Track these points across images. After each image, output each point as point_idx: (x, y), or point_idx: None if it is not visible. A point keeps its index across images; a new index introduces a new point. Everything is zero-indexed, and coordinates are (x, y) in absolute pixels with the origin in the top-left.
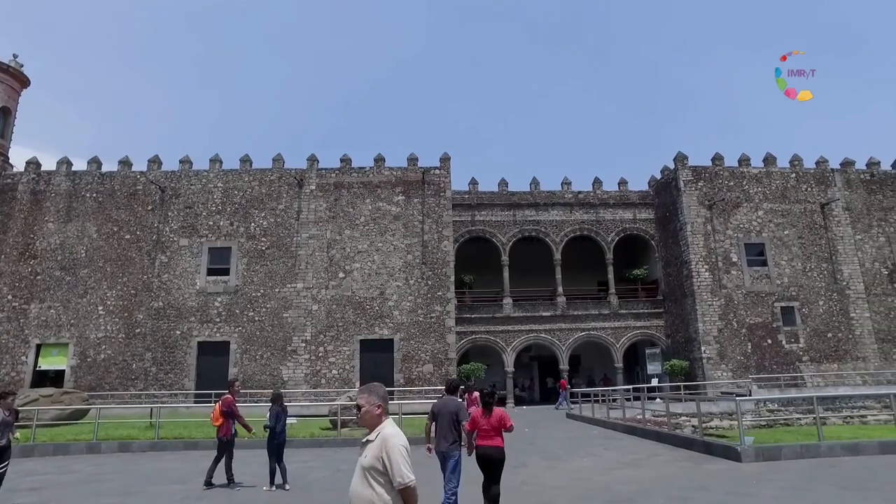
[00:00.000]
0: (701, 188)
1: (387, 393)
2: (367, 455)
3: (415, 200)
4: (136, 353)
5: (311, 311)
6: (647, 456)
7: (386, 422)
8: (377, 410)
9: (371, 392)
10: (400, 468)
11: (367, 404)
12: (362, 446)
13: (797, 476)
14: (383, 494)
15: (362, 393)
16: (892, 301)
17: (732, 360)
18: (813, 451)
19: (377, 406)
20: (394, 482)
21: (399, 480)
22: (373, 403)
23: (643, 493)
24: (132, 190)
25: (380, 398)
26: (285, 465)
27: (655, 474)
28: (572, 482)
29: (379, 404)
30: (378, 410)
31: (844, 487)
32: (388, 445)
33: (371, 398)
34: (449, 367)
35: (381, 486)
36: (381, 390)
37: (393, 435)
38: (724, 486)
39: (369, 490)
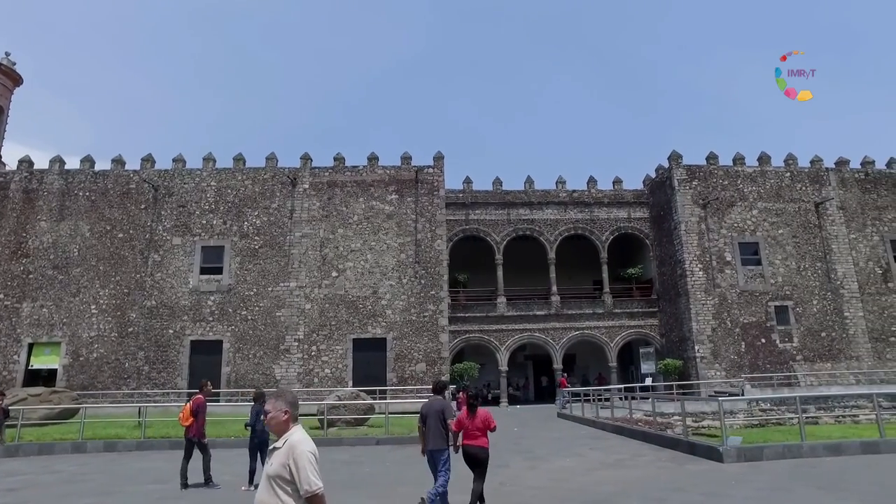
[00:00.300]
0: (695, 187)
1: (297, 399)
2: (273, 463)
3: (408, 199)
4: (128, 351)
5: (303, 309)
6: (631, 456)
7: (294, 428)
8: (283, 416)
9: (279, 398)
10: (307, 475)
11: (273, 410)
12: (269, 454)
13: (776, 477)
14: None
15: (270, 398)
16: (886, 300)
17: (726, 359)
18: (795, 451)
19: (283, 412)
20: (301, 490)
21: (306, 488)
22: (279, 409)
23: (620, 494)
24: (125, 189)
25: (287, 404)
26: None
27: (636, 475)
28: (551, 483)
29: (286, 410)
30: (285, 416)
31: (821, 488)
32: (296, 452)
33: (278, 404)
34: (442, 366)
35: (288, 495)
36: (289, 396)
37: (301, 441)
38: (703, 487)
39: (275, 500)
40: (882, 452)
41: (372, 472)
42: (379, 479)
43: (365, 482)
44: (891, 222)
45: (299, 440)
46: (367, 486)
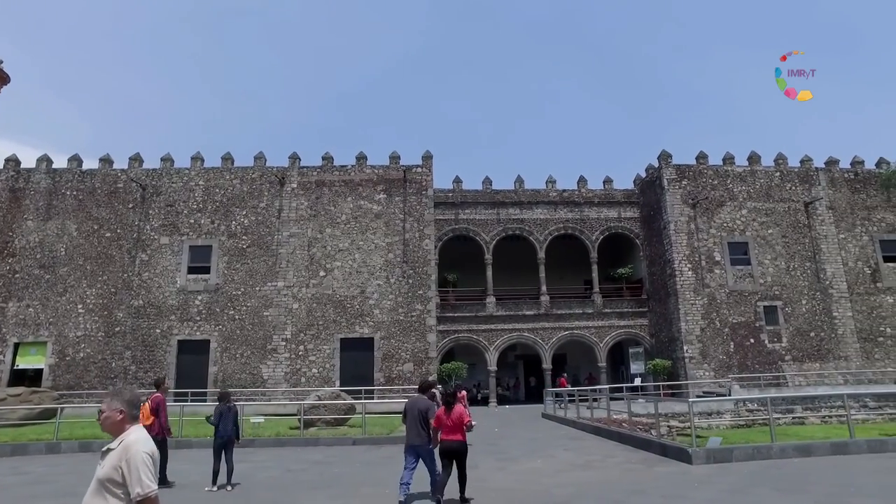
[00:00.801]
0: (685, 186)
1: (136, 397)
2: (104, 465)
3: (396, 199)
4: (115, 351)
5: (291, 309)
6: (603, 457)
7: (131, 429)
8: (118, 416)
9: (114, 397)
10: (140, 477)
11: (107, 410)
12: (102, 455)
13: (740, 478)
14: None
15: (105, 398)
16: (875, 300)
17: (715, 359)
18: (765, 452)
19: (118, 411)
20: (132, 493)
21: (137, 491)
22: (114, 409)
23: (579, 496)
24: (113, 188)
25: (123, 403)
26: (233, 464)
27: (602, 477)
28: (516, 484)
29: (121, 409)
30: (119, 416)
31: (781, 489)
32: (130, 453)
33: (113, 403)
34: (429, 366)
35: (118, 499)
36: (126, 395)
37: (136, 441)
38: (665, 489)
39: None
40: (851, 453)
41: (340, 473)
42: (345, 480)
43: (331, 483)
44: (879, 222)
45: (135, 440)
46: (331, 487)
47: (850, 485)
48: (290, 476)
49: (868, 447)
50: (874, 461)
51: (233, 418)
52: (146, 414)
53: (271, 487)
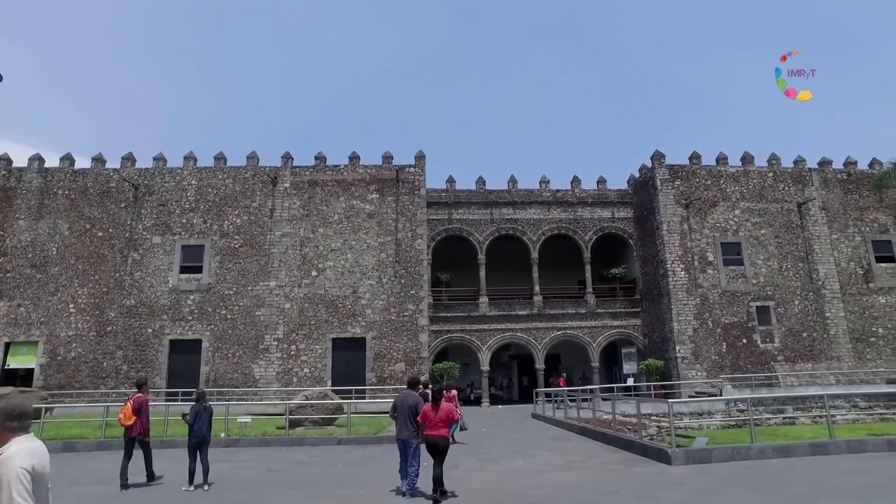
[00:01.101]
0: (678, 187)
1: (21, 408)
2: None
3: (389, 198)
4: (107, 351)
5: (283, 309)
6: (584, 458)
7: (12, 441)
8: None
9: None
10: (11, 495)
11: None
12: None
13: (716, 479)
14: None
15: None
16: (867, 300)
17: (707, 359)
18: (744, 453)
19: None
20: None
21: None
22: None
23: (554, 496)
24: (105, 187)
25: (3, 416)
26: (208, 464)
27: (580, 477)
28: (492, 485)
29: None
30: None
31: (754, 490)
32: (5, 468)
33: None
34: (421, 365)
35: None
36: (8, 406)
37: (13, 456)
38: (640, 490)
39: None
40: (830, 453)
41: (320, 473)
42: (324, 480)
43: (309, 483)
44: (872, 223)
45: (12, 454)
46: (308, 487)
47: (824, 485)
48: (269, 476)
49: (847, 447)
50: (852, 461)
51: (208, 418)
52: (128, 414)
53: (248, 487)
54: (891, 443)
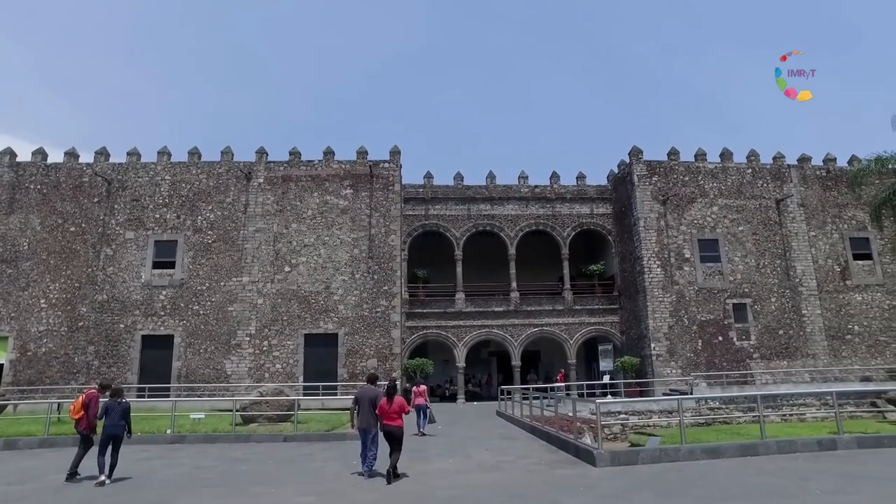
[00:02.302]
0: (655, 183)
1: None
2: None
3: (363, 194)
4: (78, 346)
5: (256, 304)
6: (517, 458)
7: None
8: None
9: None
10: None
11: None
12: None
13: (630, 482)
14: None
15: None
16: (844, 298)
17: (682, 357)
18: (672, 454)
19: None
20: None
21: None
22: None
23: (458, 499)
24: (78, 182)
25: None
26: (116, 459)
27: (499, 479)
28: (405, 486)
29: None
30: None
31: (660, 494)
32: None
33: None
34: (393, 361)
35: None
36: None
37: None
38: (548, 493)
39: None
40: (760, 454)
41: (246, 471)
42: (245, 478)
43: (227, 481)
44: (850, 220)
45: None
46: (223, 486)
47: (733, 488)
48: (193, 474)
49: (777, 448)
50: (775, 462)
51: (121, 413)
52: (77, 408)
53: (162, 485)
54: (820, 443)
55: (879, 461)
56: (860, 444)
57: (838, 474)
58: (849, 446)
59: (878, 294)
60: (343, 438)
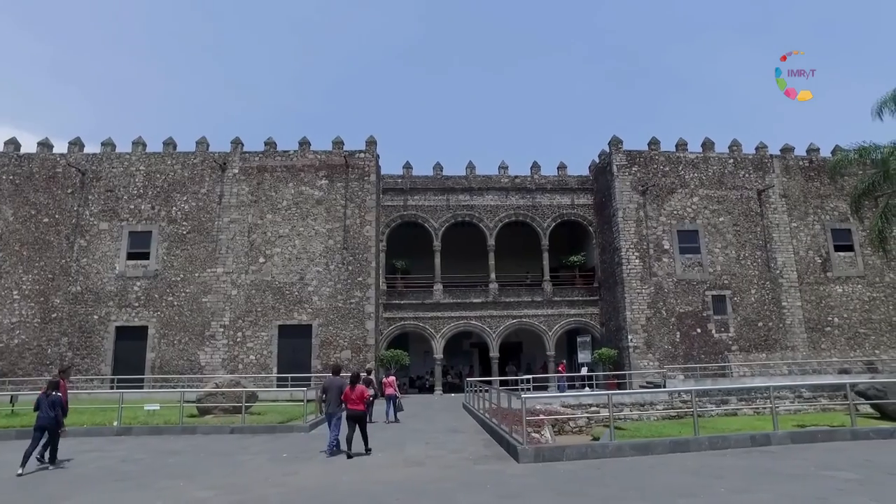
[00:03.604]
0: (635, 173)
1: None
2: None
3: (338, 184)
4: (51, 337)
5: (230, 295)
6: (450, 452)
7: None
8: None
9: None
10: None
11: None
12: None
13: (540, 480)
14: None
15: None
16: (824, 290)
17: (660, 349)
18: (599, 451)
19: None
20: None
21: None
22: None
23: (356, 494)
24: (51, 172)
25: None
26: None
27: (415, 474)
28: (317, 483)
29: None
30: None
31: (562, 493)
32: None
33: None
34: (367, 352)
35: None
36: None
37: None
38: (448, 491)
39: None
40: (690, 450)
41: (171, 464)
42: (163, 472)
43: (143, 475)
44: (833, 211)
45: None
46: (134, 480)
47: (636, 487)
48: (116, 467)
49: (709, 444)
50: (702, 459)
51: (49, 405)
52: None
53: (73, 479)
54: (753, 438)
55: (801, 457)
56: (793, 440)
57: (754, 471)
58: (782, 441)
59: (858, 286)
60: (290, 430)
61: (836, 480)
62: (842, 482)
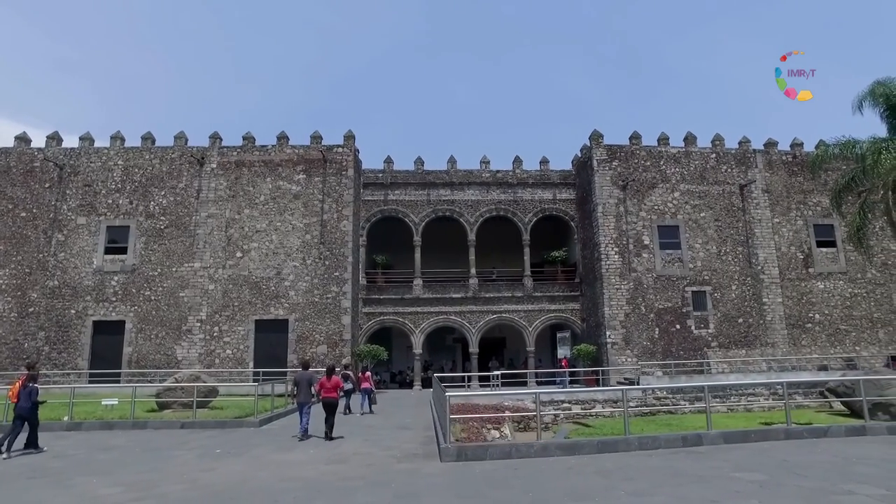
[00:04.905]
0: (615, 168)
1: None
2: None
3: (315, 179)
4: (28, 332)
5: (207, 290)
6: (383, 449)
7: None
8: None
9: None
10: None
11: None
12: None
13: (450, 479)
14: None
15: None
16: (806, 286)
17: (638, 345)
18: (524, 451)
19: None
20: None
21: None
22: None
23: (260, 491)
24: (29, 167)
25: None
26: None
27: (331, 471)
28: (228, 480)
29: None
30: None
31: (462, 496)
32: None
33: None
34: (343, 347)
35: None
36: None
37: None
38: (350, 490)
39: None
40: (619, 451)
41: (101, 460)
42: (86, 468)
43: (66, 471)
44: (815, 206)
45: None
46: (53, 476)
47: (543, 489)
48: (45, 463)
49: (639, 444)
50: (625, 460)
51: (26, 396)
52: (15, 392)
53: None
54: (685, 438)
55: (724, 458)
56: (726, 440)
57: (666, 473)
58: (714, 442)
59: (840, 282)
60: (240, 426)
61: (740, 482)
62: (744, 484)
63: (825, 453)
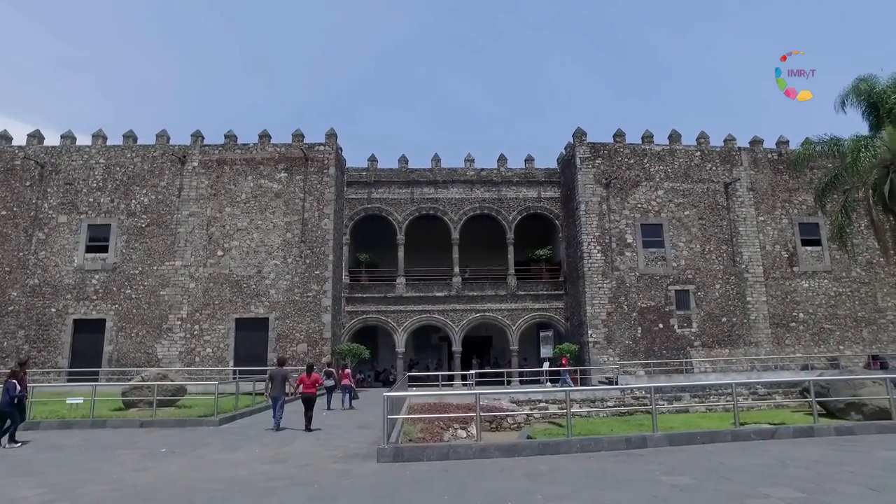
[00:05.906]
0: (598, 166)
1: None
2: None
3: (297, 177)
4: (7, 330)
5: (188, 288)
6: (327, 449)
7: None
8: None
9: None
10: None
11: None
12: None
13: (374, 481)
14: None
15: None
16: (790, 285)
17: (620, 344)
18: (461, 452)
19: None
20: None
21: None
22: None
23: (187, 491)
24: (9, 165)
25: None
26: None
27: (264, 471)
28: (158, 480)
29: None
30: None
31: (378, 496)
32: None
33: None
34: (324, 346)
35: None
36: None
37: None
38: (271, 490)
39: None
40: (561, 453)
41: (42, 459)
42: (21, 469)
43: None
44: (801, 204)
45: None
46: None
47: (459, 494)
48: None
49: (581, 446)
50: (560, 462)
51: (4, 392)
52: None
53: None
54: (629, 440)
55: (659, 461)
56: (671, 442)
57: (594, 476)
58: (659, 444)
59: (824, 281)
60: (199, 425)
61: (663, 486)
62: (666, 488)
63: (765, 455)
